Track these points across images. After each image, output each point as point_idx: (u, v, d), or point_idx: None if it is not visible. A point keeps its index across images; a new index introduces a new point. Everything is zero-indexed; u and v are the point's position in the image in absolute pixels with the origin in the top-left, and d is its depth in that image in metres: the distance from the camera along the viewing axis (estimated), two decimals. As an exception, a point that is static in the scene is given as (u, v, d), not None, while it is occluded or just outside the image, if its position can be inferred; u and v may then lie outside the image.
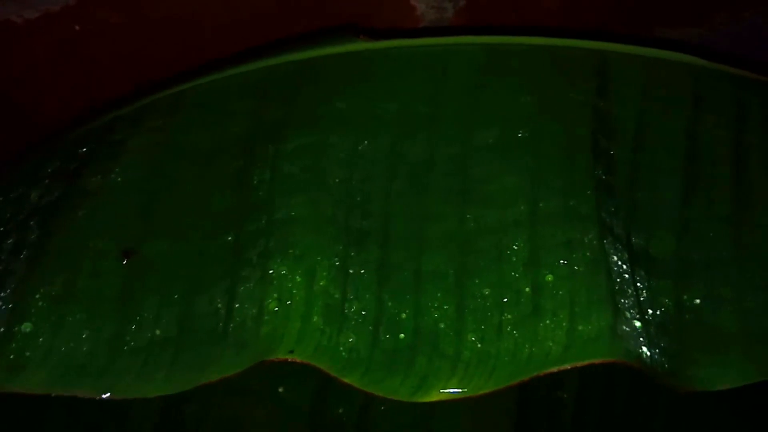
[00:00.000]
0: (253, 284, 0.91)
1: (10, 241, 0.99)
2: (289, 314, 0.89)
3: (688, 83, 1.03)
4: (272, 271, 0.91)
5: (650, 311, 0.91)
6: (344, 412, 1.05)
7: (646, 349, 0.87)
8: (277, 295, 0.90)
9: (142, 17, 1.27)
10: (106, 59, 1.30)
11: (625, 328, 0.87)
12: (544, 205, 0.93)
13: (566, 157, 0.96)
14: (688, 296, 0.93)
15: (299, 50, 1.08)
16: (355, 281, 0.92)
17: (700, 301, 0.92)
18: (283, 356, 0.86)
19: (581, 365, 0.85)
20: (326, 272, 0.91)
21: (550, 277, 0.90)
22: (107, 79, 1.30)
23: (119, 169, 1.00)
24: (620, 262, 0.91)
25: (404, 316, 0.91)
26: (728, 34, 1.37)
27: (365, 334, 0.90)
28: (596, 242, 0.90)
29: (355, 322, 0.90)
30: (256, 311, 0.89)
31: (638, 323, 0.89)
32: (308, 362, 0.86)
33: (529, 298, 0.90)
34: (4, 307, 0.92)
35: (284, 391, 1.05)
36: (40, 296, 0.92)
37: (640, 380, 0.89)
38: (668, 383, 0.89)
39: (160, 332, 0.91)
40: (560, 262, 0.90)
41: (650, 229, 0.95)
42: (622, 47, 1.04)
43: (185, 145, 1.02)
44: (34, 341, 0.90)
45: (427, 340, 0.89)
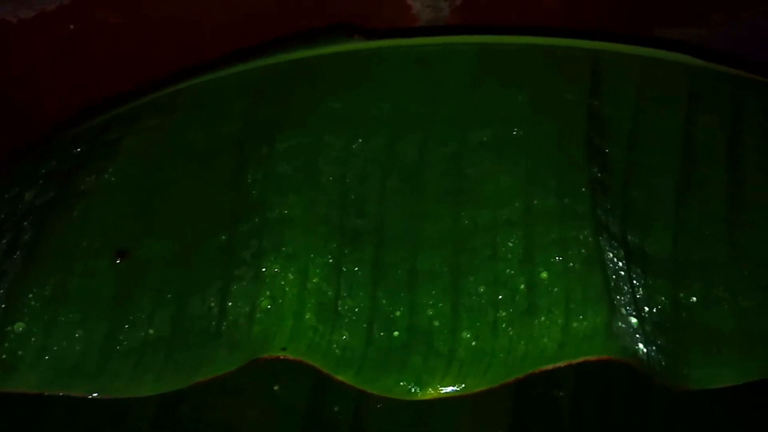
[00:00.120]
0: (246, 283, 0.91)
1: (4, 241, 0.99)
2: (281, 312, 0.89)
3: (683, 83, 1.03)
4: (265, 269, 0.91)
5: (646, 309, 0.91)
6: (340, 410, 1.04)
7: (642, 346, 0.87)
8: (269, 293, 0.90)
9: (141, 17, 1.27)
10: (106, 59, 1.30)
11: (620, 325, 0.87)
12: (538, 202, 0.93)
13: (561, 155, 0.95)
14: (684, 294, 0.92)
15: (294, 50, 1.08)
16: (348, 279, 0.91)
17: (696, 299, 0.92)
18: (275, 354, 0.86)
19: (576, 362, 0.85)
20: (319, 270, 0.91)
21: (545, 274, 0.90)
22: (107, 79, 1.30)
23: (114, 169, 1.00)
24: (616, 259, 0.91)
25: (398, 314, 0.91)
26: (727, 34, 1.37)
27: (359, 331, 0.90)
28: (591, 239, 0.90)
29: (348, 319, 0.90)
30: (249, 310, 0.89)
31: (634, 320, 0.88)
32: (301, 360, 0.86)
33: (524, 295, 0.89)
34: (-3, 307, 0.93)
35: (279, 389, 1.05)
36: (33, 296, 0.92)
37: (636, 379, 0.88)
38: (664, 381, 0.88)
39: (153, 331, 0.91)
40: (555, 259, 0.90)
41: (646, 227, 0.95)
42: (617, 47, 1.04)
43: (180, 144, 1.02)
44: (27, 341, 0.90)
45: (421, 338, 0.89)
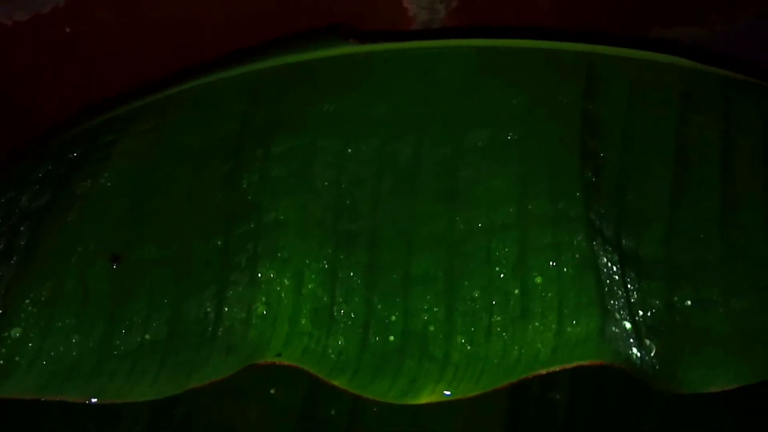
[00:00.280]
0: (241, 288, 0.91)
1: (0, 245, 0.99)
2: (277, 317, 0.89)
3: (677, 85, 1.03)
4: (260, 274, 0.91)
5: (641, 312, 0.91)
6: (336, 412, 1.05)
7: (636, 350, 0.87)
8: (265, 298, 0.90)
9: (141, 17, 1.27)
10: (106, 59, 1.30)
11: (614, 329, 0.87)
12: (533, 207, 0.93)
13: (555, 159, 0.95)
14: (678, 297, 0.92)
15: (288, 52, 1.08)
16: (344, 284, 0.92)
17: (690, 302, 0.92)
18: (270, 359, 0.86)
19: (570, 367, 0.86)
20: (315, 275, 0.91)
21: (539, 279, 0.90)
22: (107, 79, 1.29)
23: (109, 172, 1.00)
24: (610, 263, 0.91)
25: (394, 318, 0.91)
26: (726, 34, 1.36)
27: (354, 336, 0.90)
28: (585, 244, 0.90)
29: (344, 324, 0.90)
30: (244, 315, 0.90)
31: (628, 325, 0.89)
32: (296, 365, 0.87)
33: (518, 300, 0.90)
34: (-8, 312, 0.93)
35: (276, 392, 1.06)
36: (29, 301, 0.92)
37: (633, 381, 0.88)
38: (659, 386, 0.89)
39: (149, 336, 0.91)
40: (549, 264, 0.90)
41: (640, 230, 0.95)
42: (611, 49, 1.04)
43: (176, 147, 1.02)
44: (23, 346, 0.90)
45: (416, 342, 0.90)
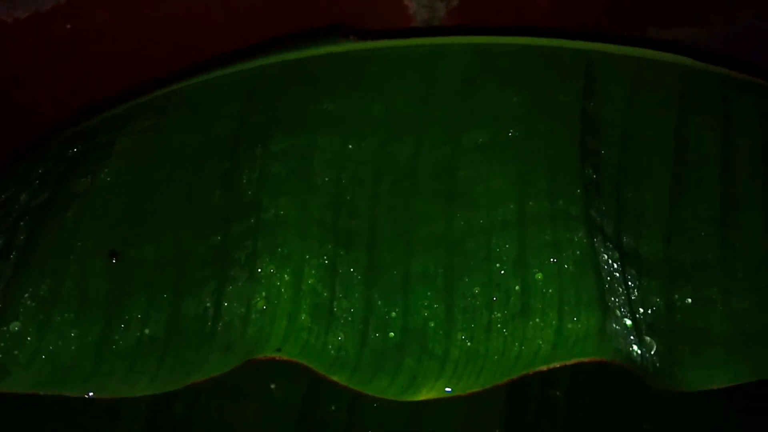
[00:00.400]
0: (241, 284, 0.91)
1: (0, 241, 0.99)
2: (276, 313, 0.89)
3: (677, 84, 1.03)
4: (260, 270, 0.91)
5: (641, 310, 0.91)
6: (336, 409, 1.05)
7: (636, 348, 0.87)
8: (265, 294, 0.90)
9: (141, 17, 1.27)
10: (106, 59, 1.30)
11: (614, 327, 0.87)
12: (533, 204, 0.93)
13: (555, 157, 0.96)
14: (679, 296, 0.93)
15: (288, 51, 1.08)
16: (344, 280, 0.92)
17: (691, 300, 0.93)
18: (270, 354, 0.86)
19: (570, 364, 0.85)
20: (315, 271, 0.91)
21: (539, 275, 0.90)
22: (107, 79, 1.30)
23: (108, 170, 1.00)
24: (611, 261, 0.91)
25: (394, 314, 0.91)
26: (725, 34, 1.36)
27: (354, 332, 0.90)
28: (586, 241, 0.90)
29: (344, 320, 0.90)
30: (244, 310, 0.89)
31: (629, 322, 0.88)
32: (295, 360, 0.87)
33: (518, 297, 0.90)
34: (-8, 307, 0.93)
35: (276, 388, 1.06)
36: (28, 296, 0.92)
37: (633, 378, 0.88)
38: (658, 383, 0.89)
39: (148, 332, 0.91)
40: (550, 261, 0.90)
41: (640, 228, 0.95)
42: (611, 47, 1.04)
43: (175, 145, 1.02)
44: (22, 341, 0.90)
45: (416, 339, 0.89)
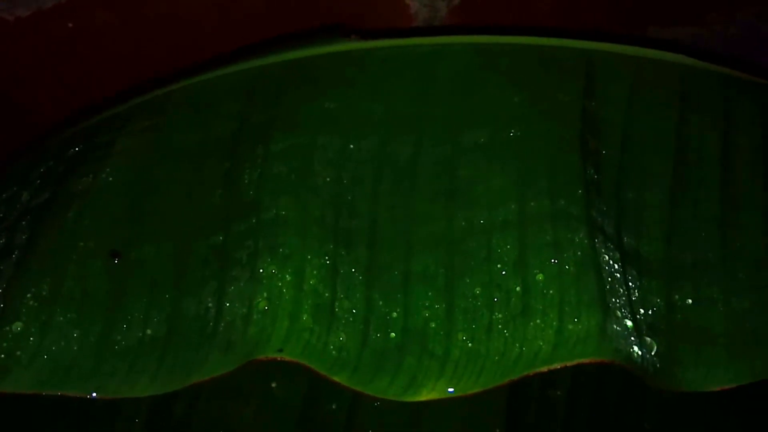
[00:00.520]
0: (242, 284, 0.91)
1: (1, 241, 0.99)
2: (277, 313, 0.89)
3: (677, 83, 1.03)
4: (262, 270, 0.90)
5: (642, 311, 0.91)
6: (336, 408, 1.05)
7: (636, 349, 0.87)
8: (266, 294, 0.89)
9: (141, 17, 1.27)
10: (105, 59, 1.30)
11: (615, 327, 0.87)
12: (534, 204, 0.93)
13: (556, 157, 0.96)
14: (679, 296, 0.93)
15: (289, 50, 1.08)
16: (345, 281, 0.92)
17: (691, 300, 0.93)
18: (271, 355, 0.86)
19: (571, 365, 0.85)
20: (316, 271, 0.91)
21: (540, 276, 0.90)
22: (107, 79, 1.30)
23: (108, 169, 1.00)
24: (611, 261, 0.91)
25: (395, 315, 0.91)
26: (725, 34, 1.37)
27: (355, 333, 0.90)
28: (587, 241, 0.90)
29: (345, 321, 0.90)
30: (245, 311, 0.89)
31: (629, 323, 0.89)
32: (297, 361, 0.86)
33: (519, 297, 0.90)
34: (-6, 307, 0.92)
35: (277, 387, 1.05)
36: (30, 296, 0.92)
37: (633, 378, 0.88)
38: (658, 384, 0.89)
39: (149, 332, 0.91)
40: (550, 261, 0.90)
41: (641, 228, 0.95)
42: (611, 47, 1.04)
43: (175, 145, 1.02)
44: (24, 341, 0.90)
45: (417, 339, 0.89)
